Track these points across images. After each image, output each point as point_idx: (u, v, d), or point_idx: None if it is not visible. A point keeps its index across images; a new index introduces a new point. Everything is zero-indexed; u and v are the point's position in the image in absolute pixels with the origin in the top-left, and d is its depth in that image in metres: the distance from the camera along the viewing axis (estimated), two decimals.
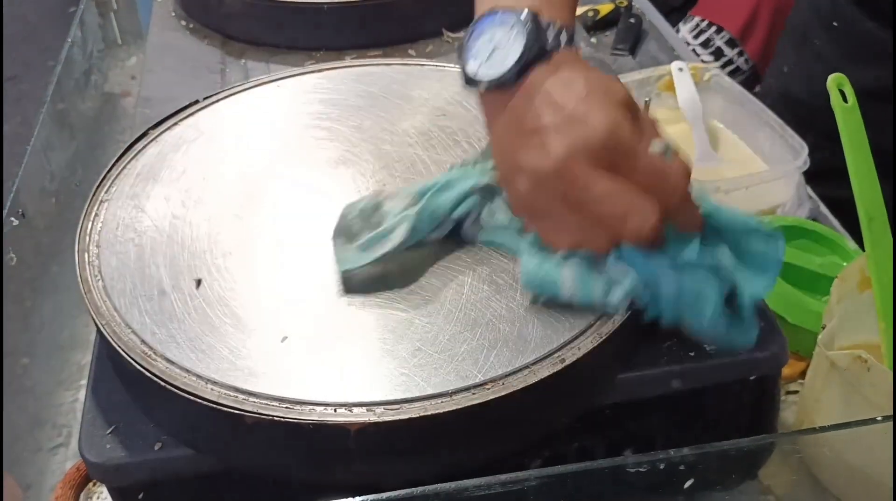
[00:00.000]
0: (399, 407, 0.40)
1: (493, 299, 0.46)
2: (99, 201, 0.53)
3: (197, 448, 0.43)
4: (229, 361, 0.42)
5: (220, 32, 0.78)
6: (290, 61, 0.75)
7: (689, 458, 0.40)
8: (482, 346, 0.43)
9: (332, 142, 0.58)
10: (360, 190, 0.54)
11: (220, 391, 0.41)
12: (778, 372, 0.51)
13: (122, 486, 0.44)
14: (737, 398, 0.50)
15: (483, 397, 0.40)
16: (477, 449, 0.44)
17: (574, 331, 0.44)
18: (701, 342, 0.47)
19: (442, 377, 0.42)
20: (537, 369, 0.42)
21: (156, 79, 0.73)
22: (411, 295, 0.46)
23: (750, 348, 0.46)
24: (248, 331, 0.44)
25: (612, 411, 0.48)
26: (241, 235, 0.50)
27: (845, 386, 0.53)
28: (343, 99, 0.62)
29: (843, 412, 0.54)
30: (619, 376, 0.46)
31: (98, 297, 0.46)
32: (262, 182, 0.55)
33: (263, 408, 0.40)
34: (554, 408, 0.45)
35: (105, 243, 0.50)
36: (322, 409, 0.40)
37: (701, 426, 0.52)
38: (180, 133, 0.59)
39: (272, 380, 0.41)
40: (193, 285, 0.46)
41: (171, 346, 0.43)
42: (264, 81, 0.64)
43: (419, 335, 0.44)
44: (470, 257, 0.48)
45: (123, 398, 0.45)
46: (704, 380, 0.48)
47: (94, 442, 0.44)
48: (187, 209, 0.52)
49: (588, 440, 0.49)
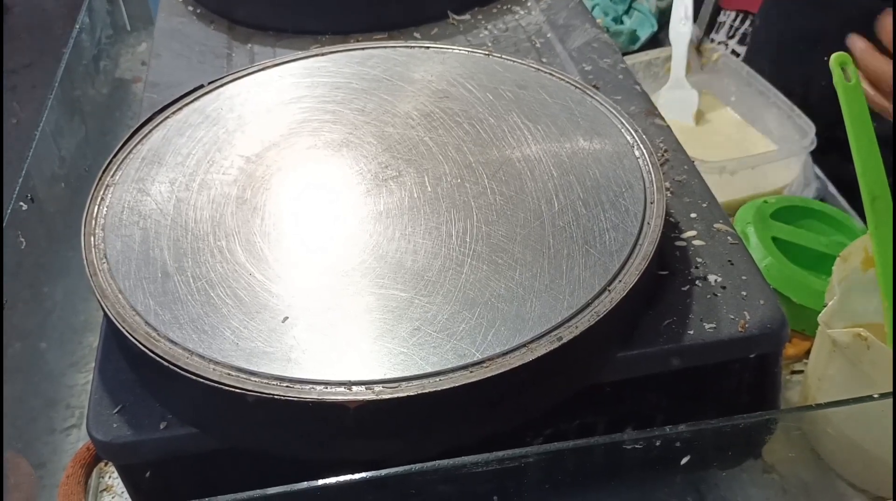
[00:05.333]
0: (397, 386, 0.41)
1: (492, 279, 0.46)
2: (105, 184, 0.54)
3: (201, 427, 0.44)
4: (231, 341, 0.43)
5: (227, 17, 0.79)
6: (295, 45, 0.75)
7: (684, 435, 0.41)
8: (480, 325, 0.44)
9: (336, 125, 0.59)
10: (362, 172, 0.54)
11: (223, 371, 0.41)
12: (779, 350, 0.51)
13: (128, 464, 0.45)
14: (737, 377, 0.51)
15: (480, 375, 0.41)
16: (476, 426, 0.44)
17: (571, 310, 0.44)
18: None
19: (440, 355, 0.42)
20: (534, 347, 0.42)
21: (163, 64, 0.73)
22: (411, 276, 0.46)
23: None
24: (250, 312, 0.44)
25: (612, 388, 0.48)
26: (244, 217, 0.51)
27: (846, 364, 0.53)
28: (347, 82, 0.63)
29: (844, 389, 0.54)
30: (618, 354, 0.47)
31: (103, 279, 0.47)
32: (266, 165, 0.55)
33: (264, 387, 0.40)
34: (552, 386, 0.45)
35: (110, 227, 0.50)
36: (322, 388, 0.40)
37: (702, 404, 0.52)
38: (185, 117, 0.60)
39: (273, 360, 0.42)
40: (197, 268, 0.47)
41: (175, 327, 0.44)
42: (268, 65, 0.65)
43: (418, 314, 0.44)
44: (469, 237, 0.49)
45: (129, 378, 0.46)
46: (704, 358, 0.48)
47: (101, 421, 0.44)
48: (191, 193, 0.53)
49: (589, 417, 0.49)
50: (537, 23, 0.76)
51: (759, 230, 0.69)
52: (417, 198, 0.52)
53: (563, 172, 0.53)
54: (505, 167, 0.54)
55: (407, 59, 0.65)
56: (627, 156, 0.54)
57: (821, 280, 0.68)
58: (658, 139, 0.62)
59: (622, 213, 0.50)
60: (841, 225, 0.72)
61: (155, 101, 0.67)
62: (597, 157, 0.54)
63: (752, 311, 0.49)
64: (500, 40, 0.75)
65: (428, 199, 0.52)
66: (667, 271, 0.52)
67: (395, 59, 0.65)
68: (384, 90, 0.61)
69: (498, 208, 0.51)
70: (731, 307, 0.49)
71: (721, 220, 0.55)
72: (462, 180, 0.53)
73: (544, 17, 0.77)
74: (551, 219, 0.50)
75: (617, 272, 0.46)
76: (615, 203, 0.51)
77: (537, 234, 0.49)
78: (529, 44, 0.68)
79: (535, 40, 0.74)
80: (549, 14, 0.77)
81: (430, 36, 0.75)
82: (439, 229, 0.49)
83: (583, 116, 0.57)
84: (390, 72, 0.63)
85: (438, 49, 0.65)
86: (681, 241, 0.54)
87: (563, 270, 0.46)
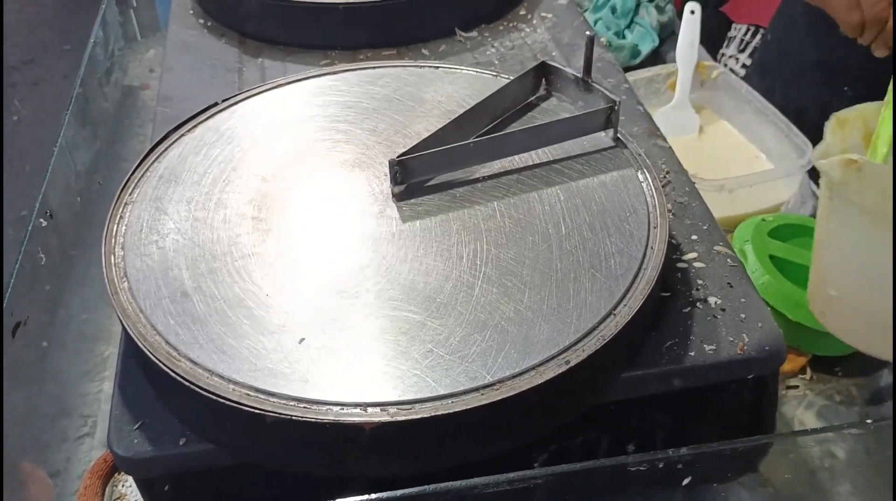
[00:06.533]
0: (412, 407, 0.42)
1: (502, 302, 0.48)
2: (123, 203, 0.55)
3: (219, 444, 0.45)
4: (249, 362, 0.44)
5: (238, 31, 0.80)
6: (305, 60, 0.76)
7: (686, 457, 0.42)
8: (491, 348, 0.45)
9: (348, 144, 0.60)
10: (374, 193, 0.56)
11: (242, 391, 0.43)
12: (775, 371, 0.53)
13: (148, 478, 0.47)
14: (736, 396, 0.52)
15: (491, 397, 0.43)
16: (486, 446, 0.46)
17: (578, 333, 0.46)
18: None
19: (453, 378, 0.44)
20: (543, 370, 0.44)
21: (175, 77, 0.74)
22: (423, 298, 0.48)
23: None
24: (268, 333, 0.46)
25: (616, 407, 0.50)
26: (260, 237, 0.52)
27: (843, 209, 0.51)
28: (358, 101, 0.64)
29: (845, 240, 0.53)
30: (622, 375, 0.48)
31: (125, 299, 0.48)
32: (281, 185, 0.57)
33: (283, 408, 0.42)
34: (559, 407, 0.47)
35: (130, 246, 0.52)
36: (338, 409, 0.42)
37: (701, 421, 0.54)
38: (201, 135, 0.61)
39: (290, 381, 0.43)
40: (215, 288, 0.49)
41: (195, 347, 0.45)
42: (281, 83, 0.66)
43: (431, 336, 0.46)
44: (480, 260, 0.50)
45: (149, 395, 0.48)
46: (704, 379, 0.50)
47: (123, 437, 0.46)
48: (208, 212, 0.54)
49: (592, 435, 0.51)
50: (542, 41, 0.78)
51: (756, 248, 0.71)
52: (429, 220, 0.53)
53: (569, 196, 0.55)
54: (514, 190, 0.55)
55: (417, 80, 0.66)
56: (632, 180, 0.56)
57: None
58: (661, 160, 0.64)
59: (627, 237, 0.51)
60: None
61: (168, 115, 0.69)
62: (602, 181, 0.56)
63: (750, 333, 0.51)
64: (507, 58, 0.76)
65: (439, 221, 0.53)
66: (669, 293, 0.53)
67: (405, 78, 0.66)
68: (395, 110, 0.63)
69: (507, 231, 0.52)
70: (730, 329, 0.51)
71: (721, 242, 0.57)
72: (472, 203, 0.55)
73: (549, 34, 0.79)
74: (559, 242, 0.51)
75: (622, 297, 0.48)
76: (620, 227, 0.52)
77: (545, 257, 0.50)
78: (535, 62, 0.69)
79: (540, 58, 0.75)
80: (554, 32, 0.79)
81: (438, 52, 0.77)
82: (450, 252, 0.51)
83: (588, 139, 0.59)
84: (401, 91, 0.65)
85: (448, 69, 0.67)
86: (682, 263, 0.56)
87: (570, 293, 0.48)
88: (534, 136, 0.58)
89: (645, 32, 1.00)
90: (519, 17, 0.82)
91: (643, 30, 1.01)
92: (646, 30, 1.00)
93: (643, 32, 1.00)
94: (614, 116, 0.58)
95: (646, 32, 1.00)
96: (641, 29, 1.01)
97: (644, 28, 1.01)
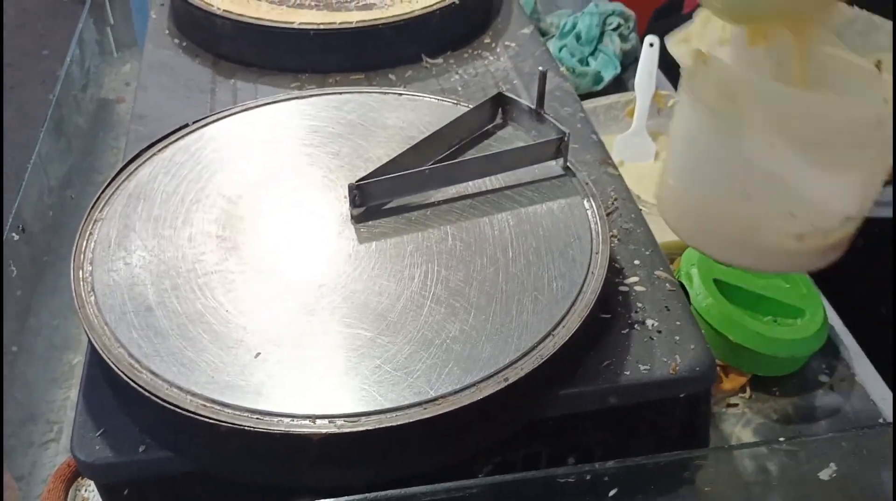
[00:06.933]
0: (358, 420, 0.45)
1: (448, 322, 0.51)
2: (93, 220, 0.58)
3: (177, 451, 0.48)
4: (207, 374, 0.47)
5: (212, 52, 0.83)
6: (277, 83, 0.79)
7: (611, 470, 0.45)
8: (436, 365, 0.48)
9: (312, 167, 0.63)
10: (334, 215, 0.59)
11: (199, 402, 0.46)
12: (707, 391, 0.56)
13: (109, 483, 0.49)
14: (670, 413, 0.56)
15: (433, 411, 0.45)
16: (430, 458, 0.49)
17: (518, 353, 0.49)
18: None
19: (398, 392, 0.47)
20: (483, 387, 0.47)
21: (149, 96, 0.77)
22: (375, 316, 0.51)
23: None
24: (226, 347, 0.49)
25: (555, 423, 0.53)
26: (223, 256, 0.55)
27: (688, 96, 0.51)
28: (324, 125, 0.67)
29: (685, 124, 0.52)
30: (560, 392, 0.52)
31: (91, 312, 0.51)
32: (246, 205, 0.59)
33: (237, 418, 0.45)
34: (499, 422, 0.50)
35: (98, 261, 0.54)
36: (289, 420, 0.45)
37: (638, 437, 0.57)
38: (171, 156, 0.64)
39: (245, 393, 0.46)
40: (178, 304, 0.51)
41: (156, 359, 0.48)
42: (250, 106, 0.69)
43: (380, 353, 0.49)
44: (430, 280, 0.53)
45: (112, 404, 0.50)
46: (639, 397, 0.53)
47: (85, 443, 0.48)
48: (174, 230, 0.57)
49: (534, 448, 0.54)
50: (505, 69, 0.81)
51: (702, 272, 0.74)
52: (384, 241, 0.57)
53: (518, 222, 0.58)
54: (466, 215, 0.59)
55: (381, 105, 0.69)
56: (578, 207, 0.59)
57: (757, 320, 0.73)
58: (610, 188, 0.67)
59: (570, 262, 0.55)
60: None
61: (141, 133, 0.71)
62: (550, 208, 0.59)
63: (683, 355, 0.54)
64: (470, 85, 0.80)
65: (394, 243, 0.56)
66: (610, 315, 0.57)
67: (370, 104, 0.69)
68: (358, 135, 0.66)
69: (458, 254, 0.55)
70: (664, 351, 0.54)
71: (662, 267, 0.61)
72: (426, 226, 0.58)
73: (512, 63, 0.82)
74: (505, 266, 0.55)
75: (561, 319, 0.51)
76: (564, 253, 0.56)
77: (492, 280, 0.54)
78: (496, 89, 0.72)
79: (501, 86, 0.79)
80: (517, 61, 0.82)
81: (405, 78, 0.80)
82: (403, 272, 0.54)
83: (540, 167, 0.62)
84: (365, 117, 0.68)
85: (411, 97, 0.70)
86: (624, 286, 0.59)
87: (514, 314, 0.51)
88: (488, 163, 0.61)
89: (608, 60, 1.04)
90: (483, 45, 0.85)
91: (606, 57, 1.04)
92: (609, 57, 1.04)
93: (606, 60, 1.04)
94: (564, 147, 0.62)
95: (609, 60, 1.04)
96: (605, 56, 1.05)
97: (607, 56, 1.05)
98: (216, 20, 0.80)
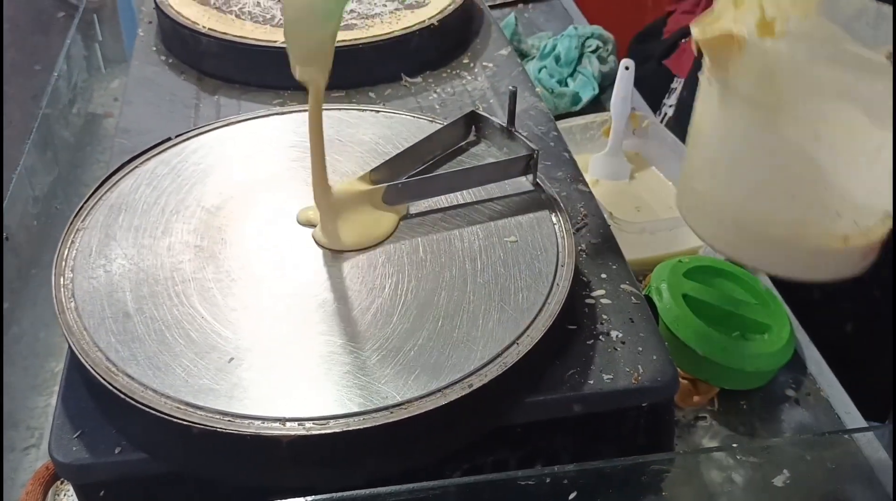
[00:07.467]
0: (326, 423, 0.47)
1: (416, 330, 0.53)
2: (76, 229, 0.59)
3: (152, 453, 0.49)
4: (182, 378, 0.49)
5: (197, 69, 0.85)
6: (259, 99, 0.81)
7: (570, 474, 0.47)
8: (403, 371, 0.50)
9: (289, 181, 0.65)
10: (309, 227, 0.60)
11: (173, 404, 0.47)
12: (669, 400, 0.58)
13: (85, 484, 0.51)
14: (633, 422, 0.57)
15: (399, 416, 0.47)
16: (397, 460, 0.51)
17: (483, 360, 0.51)
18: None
19: (366, 397, 0.48)
20: (448, 392, 0.49)
21: (134, 111, 0.79)
22: (346, 324, 0.53)
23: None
24: (200, 352, 0.50)
25: (522, 429, 0.55)
26: (200, 264, 0.57)
27: (718, 89, 0.46)
28: (302, 141, 0.69)
29: (716, 122, 0.48)
30: (525, 399, 0.53)
31: (71, 317, 0.52)
32: (223, 216, 0.61)
33: (209, 421, 0.46)
34: (464, 427, 0.51)
35: (79, 269, 0.56)
36: (259, 423, 0.46)
37: (603, 444, 0.58)
38: (153, 168, 0.66)
39: (218, 396, 0.48)
40: (155, 310, 0.53)
41: (132, 364, 0.49)
42: (232, 121, 0.71)
43: (350, 360, 0.51)
44: (400, 290, 0.55)
45: (89, 407, 0.52)
46: (602, 405, 0.55)
47: (63, 445, 0.50)
48: (154, 239, 0.59)
49: (502, 454, 0.56)
50: (482, 88, 0.84)
51: (671, 287, 0.76)
52: (357, 252, 0.58)
53: (487, 235, 0.60)
54: (438, 228, 0.61)
55: (358, 121, 0.71)
56: (546, 222, 0.61)
57: (725, 335, 0.75)
58: (580, 204, 0.70)
59: (536, 274, 0.57)
60: (747, 285, 0.80)
61: (125, 146, 0.73)
62: (519, 222, 0.61)
63: (645, 365, 0.56)
64: (447, 103, 0.82)
65: (366, 254, 0.58)
66: (575, 326, 0.58)
67: (347, 121, 0.71)
68: (335, 150, 0.68)
69: (428, 265, 0.57)
70: (627, 361, 0.56)
71: (627, 281, 0.63)
72: (399, 238, 0.60)
73: (489, 83, 0.85)
74: (473, 277, 0.56)
75: (526, 328, 0.53)
76: (531, 265, 0.57)
77: (460, 290, 0.55)
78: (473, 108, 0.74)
79: (478, 105, 0.81)
80: (494, 81, 0.85)
81: (384, 96, 0.82)
82: (374, 283, 0.56)
83: (510, 183, 0.64)
84: (342, 133, 0.70)
85: (387, 114, 0.72)
86: (590, 299, 0.61)
87: (480, 324, 0.53)
88: (459, 178, 0.63)
89: (587, 81, 1.07)
90: (462, 65, 0.88)
91: (585, 79, 1.07)
92: (587, 79, 1.07)
93: (585, 81, 1.07)
94: (534, 163, 0.64)
95: (587, 81, 1.07)
96: (583, 78, 1.07)
97: (586, 77, 1.07)
98: (201, 38, 0.82)
